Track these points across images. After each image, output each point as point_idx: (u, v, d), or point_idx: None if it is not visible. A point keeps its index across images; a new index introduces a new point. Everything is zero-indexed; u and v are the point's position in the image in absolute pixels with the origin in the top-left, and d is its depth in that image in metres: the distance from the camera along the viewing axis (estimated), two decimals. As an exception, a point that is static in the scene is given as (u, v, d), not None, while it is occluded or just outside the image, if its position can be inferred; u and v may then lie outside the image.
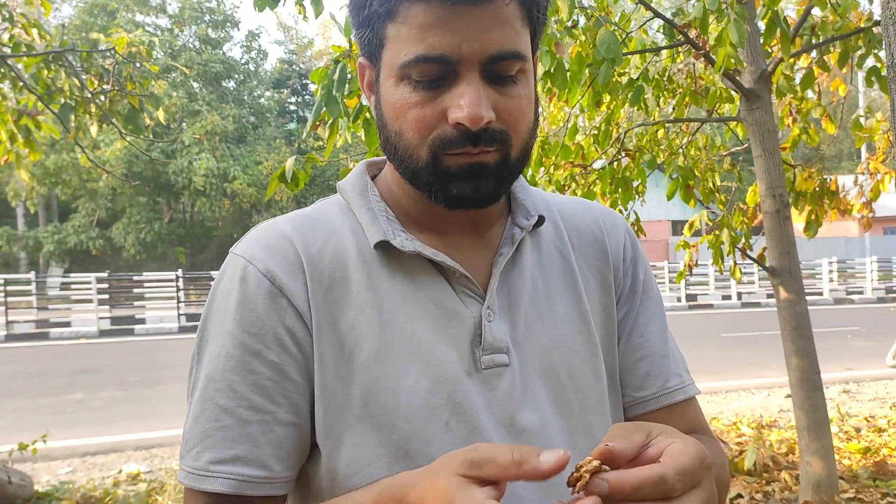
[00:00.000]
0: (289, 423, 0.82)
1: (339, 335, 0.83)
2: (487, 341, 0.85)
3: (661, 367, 0.97)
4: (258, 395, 0.81)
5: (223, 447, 0.79)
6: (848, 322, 13.45)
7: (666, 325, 1.01)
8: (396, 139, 0.83)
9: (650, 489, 0.58)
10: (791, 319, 3.81)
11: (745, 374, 8.58)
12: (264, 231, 0.89)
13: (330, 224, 0.90)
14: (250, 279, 0.83)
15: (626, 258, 1.00)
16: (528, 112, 0.83)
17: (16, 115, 4.47)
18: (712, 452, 0.89)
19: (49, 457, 5.65)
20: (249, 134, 31.51)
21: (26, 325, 14.74)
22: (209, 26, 31.66)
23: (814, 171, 4.42)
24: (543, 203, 0.99)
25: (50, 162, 25.27)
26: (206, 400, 0.81)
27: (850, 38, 3.80)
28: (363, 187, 0.93)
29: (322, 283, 0.85)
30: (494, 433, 0.83)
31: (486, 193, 0.82)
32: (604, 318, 0.97)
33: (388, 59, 0.81)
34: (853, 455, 4.83)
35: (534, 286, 0.92)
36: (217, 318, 0.84)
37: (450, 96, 0.78)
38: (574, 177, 4.21)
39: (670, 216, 29.27)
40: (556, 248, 0.97)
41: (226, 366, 0.81)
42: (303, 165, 3.24)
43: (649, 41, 4.14)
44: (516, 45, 0.79)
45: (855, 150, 26.77)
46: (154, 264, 27.75)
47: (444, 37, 0.76)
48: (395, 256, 0.87)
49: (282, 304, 0.82)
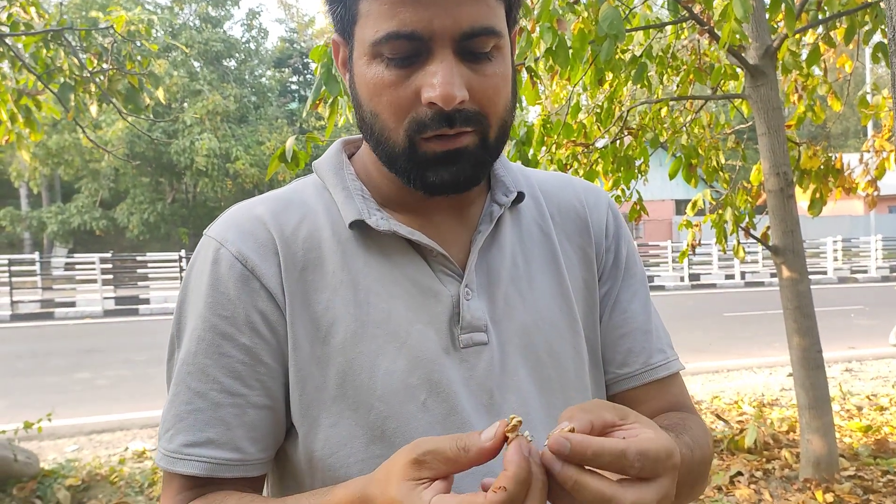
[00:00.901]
0: (262, 406, 0.81)
1: (313, 316, 0.82)
2: (466, 320, 0.84)
3: (644, 343, 0.96)
4: (230, 379, 0.80)
5: (196, 430, 0.79)
6: (852, 301, 13.44)
7: (649, 301, 1.00)
8: (372, 120, 0.81)
9: (609, 459, 0.58)
10: (793, 298, 3.81)
11: (748, 353, 8.59)
12: (237, 213, 0.88)
13: (304, 204, 0.89)
14: (222, 262, 0.83)
15: (609, 234, 0.99)
16: (503, 91, 0.81)
17: (16, 95, 4.45)
18: (695, 429, 0.88)
19: (55, 435, 5.69)
20: (251, 114, 31.43)
21: (31, 305, 14.80)
22: (209, 4, 31.47)
23: (819, 148, 4.39)
24: (524, 179, 0.97)
25: (52, 142, 25.25)
26: (180, 383, 0.81)
27: (856, 13, 3.76)
28: (339, 166, 0.92)
29: (296, 265, 0.84)
30: (473, 412, 0.82)
31: (465, 178, 0.81)
32: (585, 294, 0.95)
33: (360, 35, 0.80)
34: (854, 433, 4.85)
35: (513, 263, 0.90)
36: (191, 300, 0.84)
37: (422, 75, 0.76)
38: (576, 156, 4.19)
39: (674, 195, 29.20)
40: (537, 224, 0.95)
41: (198, 349, 0.81)
42: (303, 145, 3.23)
43: (653, 17, 4.10)
44: (490, 20, 0.77)
45: (861, 127, 26.60)
46: (157, 245, 27.81)
47: (415, 12, 0.74)
48: (371, 236, 0.86)
49: (254, 287, 0.82)
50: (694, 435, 0.86)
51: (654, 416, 0.95)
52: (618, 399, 0.97)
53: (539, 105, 4.28)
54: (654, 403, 0.96)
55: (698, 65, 4.37)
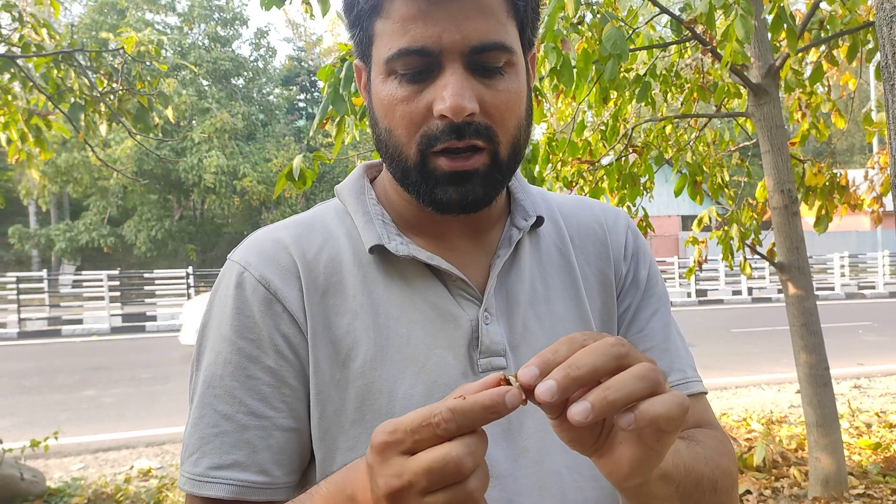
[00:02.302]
0: (288, 428, 0.82)
1: (334, 340, 0.83)
2: (485, 344, 0.84)
3: (663, 363, 0.94)
4: (256, 401, 0.81)
5: (222, 452, 0.80)
6: (860, 317, 13.37)
7: (670, 321, 0.99)
8: (387, 136, 0.82)
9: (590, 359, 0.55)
10: (800, 315, 3.80)
11: (756, 370, 8.55)
12: (260, 238, 0.89)
13: (326, 228, 0.90)
14: (246, 286, 0.84)
15: (628, 254, 0.99)
16: (515, 107, 0.81)
17: (26, 115, 4.50)
18: (719, 446, 0.87)
19: (61, 453, 5.69)
20: (259, 131, 31.60)
21: (39, 323, 14.85)
22: (218, 24, 31.73)
23: (823, 165, 4.39)
24: (544, 202, 0.98)
25: (61, 160, 25.41)
26: (205, 406, 0.82)
27: (858, 32, 3.78)
28: (360, 190, 0.93)
29: (317, 289, 0.85)
30: (491, 438, 0.82)
31: (474, 199, 0.81)
32: (604, 317, 0.95)
33: (376, 56, 0.81)
34: (863, 451, 4.81)
35: (532, 287, 0.91)
36: (215, 324, 0.85)
37: (433, 89, 0.78)
38: (581, 173, 4.20)
39: (680, 211, 29.16)
40: (557, 248, 0.95)
41: (224, 371, 0.82)
42: (310, 163, 3.25)
43: (656, 37, 4.13)
44: (500, 35, 0.78)
45: (866, 143, 26.58)
46: (165, 261, 27.89)
47: (424, 28, 0.76)
48: (391, 260, 0.87)
49: (277, 311, 0.83)
50: (705, 446, 0.84)
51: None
52: None
53: (544, 123, 4.30)
54: None
55: (701, 83, 4.39)
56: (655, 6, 3.43)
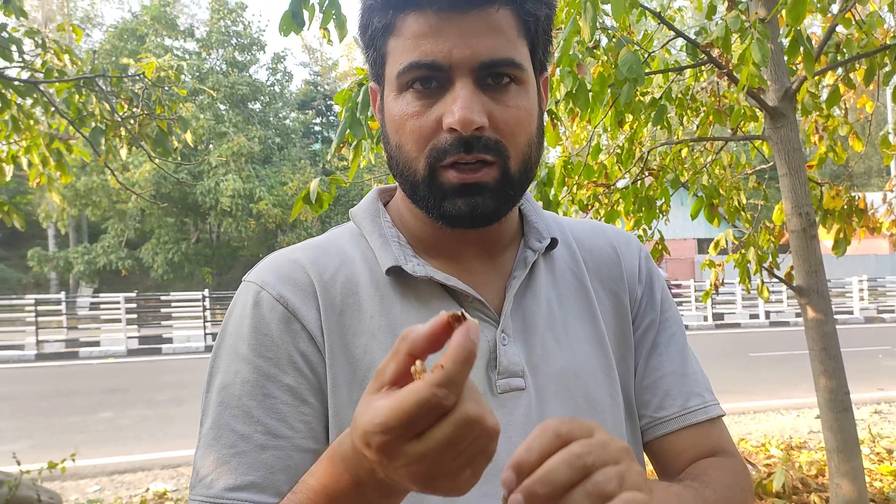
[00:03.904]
0: (306, 449, 0.81)
1: (351, 360, 0.83)
2: (503, 365, 0.84)
3: (681, 387, 0.95)
4: (275, 420, 0.80)
5: (239, 474, 0.78)
6: (879, 341, 13.20)
7: (686, 345, 0.99)
8: (397, 153, 0.83)
9: (565, 468, 0.55)
10: (819, 339, 3.76)
11: (775, 395, 8.45)
12: (276, 259, 0.90)
13: (341, 251, 0.90)
14: (263, 304, 0.84)
15: (642, 278, 0.99)
16: (526, 124, 0.82)
17: (48, 139, 4.57)
18: (731, 479, 0.86)
19: (78, 475, 5.70)
20: (275, 155, 31.85)
21: (56, 345, 14.94)
22: (236, 49, 32.16)
23: (841, 188, 4.37)
24: (557, 226, 0.98)
25: (80, 184, 25.72)
26: (222, 427, 0.80)
27: (875, 55, 3.77)
28: (375, 213, 0.93)
29: (334, 309, 0.85)
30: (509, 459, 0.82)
31: (484, 211, 0.81)
32: (620, 340, 0.95)
33: (389, 74, 0.83)
34: (885, 477, 4.73)
35: (549, 309, 0.91)
36: (230, 344, 0.84)
37: (443, 103, 0.79)
38: (597, 196, 4.20)
39: (696, 234, 29.01)
40: (571, 270, 0.96)
41: (241, 391, 0.81)
42: (327, 186, 3.27)
43: (672, 60, 4.14)
44: (510, 52, 0.79)
45: (884, 166, 26.40)
46: (181, 284, 28.03)
47: (435, 44, 0.77)
48: (408, 282, 0.87)
49: (295, 329, 0.83)
50: (715, 486, 0.84)
51: (693, 462, 0.92)
52: (654, 446, 0.95)
53: (560, 146, 4.31)
54: (692, 451, 0.93)
55: (717, 106, 4.39)
56: (671, 30, 3.44)
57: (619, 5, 2.70)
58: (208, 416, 0.83)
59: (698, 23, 4.19)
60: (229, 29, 31.84)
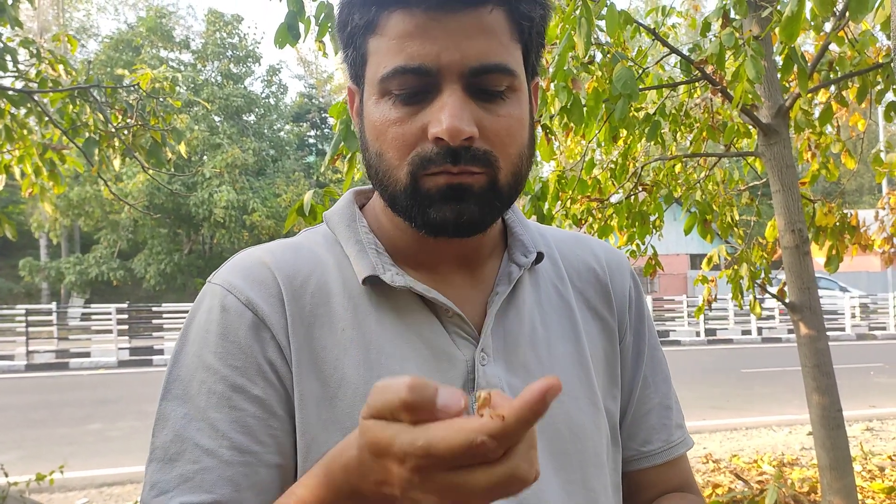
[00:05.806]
0: (273, 465, 0.76)
1: (321, 376, 0.78)
2: (481, 385, 0.79)
3: (666, 420, 0.93)
4: (242, 435, 0.75)
5: (202, 491, 0.72)
6: (871, 358, 13.22)
7: (669, 374, 0.97)
8: (377, 161, 0.77)
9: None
10: (812, 356, 3.76)
11: (767, 411, 8.44)
12: (243, 260, 0.84)
13: (314, 256, 0.84)
14: (231, 309, 0.78)
15: (632, 305, 0.95)
16: (517, 134, 0.77)
17: (41, 149, 4.56)
18: None
19: (66, 487, 5.65)
20: (269, 167, 31.84)
21: (47, 355, 14.82)
22: (231, 61, 32.20)
23: (834, 205, 4.39)
24: (542, 238, 0.93)
25: (73, 194, 25.64)
26: (185, 441, 0.74)
27: (868, 73, 3.80)
28: (351, 218, 0.88)
29: (303, 319, 0.79)
30: None
31: (469, 219, 0.75)
32: (605, 366, 0.91)
33: (369, 75, 0.77)
34: (877, 494, 4.73)
35: (532, 328, 0.86)
36: (193, 351, 0.78)
37: (430, 111, 0.73)
38: (591, 211, 4.21)
39: (689, 250, 29.08)
40: (555, 288, 0.91)
41: (207, 403, 0.75)
42: (321, 199, 3.27)
43: (666, 76, 4.16)
44: (503, 57, 0.74)
45: (876, 184, 26.55)
46: (174, 295, 27.91)
47: (422, 46, 0.71)
48: (385, 293, 0.81)
49: (264, 337, 0.77)
50: None
51: (663, 495, 0.92)
52: (633, 478, 0.93)
53: (554, 161, 4.32)
54: (667, 484, 0.93)
55: (711, 123, 4.41)
56: (665, 46, 3.47)
57: (613, 21, 2.72)
58: (166, 428, 0.76)
59: (692, 39, 4.22)
60: (225, 41, 31.89)
